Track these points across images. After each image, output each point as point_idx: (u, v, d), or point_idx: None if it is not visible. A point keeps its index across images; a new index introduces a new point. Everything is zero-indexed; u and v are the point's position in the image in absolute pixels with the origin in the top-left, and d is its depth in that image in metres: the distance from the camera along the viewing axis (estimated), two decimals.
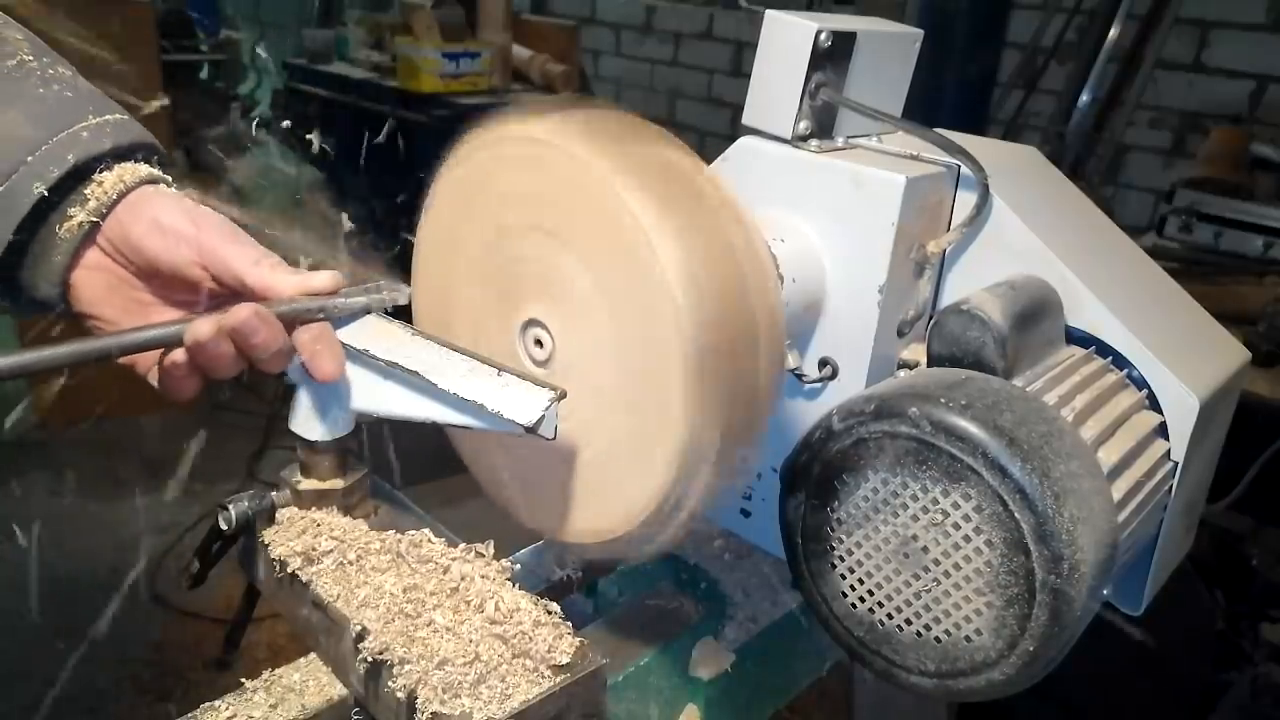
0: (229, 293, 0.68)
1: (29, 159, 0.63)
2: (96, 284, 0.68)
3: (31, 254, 0.66)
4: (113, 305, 0.69)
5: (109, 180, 0.66)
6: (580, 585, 0.97)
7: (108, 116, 0.67)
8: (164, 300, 0.70)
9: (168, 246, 0.66)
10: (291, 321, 0.66)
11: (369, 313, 0.70)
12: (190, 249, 0.66)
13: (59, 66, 0.69)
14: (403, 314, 0.73)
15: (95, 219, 0.66)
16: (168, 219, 0.66)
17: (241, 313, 0.64)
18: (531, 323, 0.70)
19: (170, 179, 0.70)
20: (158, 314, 0.70)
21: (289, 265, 0.68)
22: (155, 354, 0.67)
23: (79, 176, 0.65)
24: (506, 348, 0.72)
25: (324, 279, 0.68)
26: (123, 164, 0.67)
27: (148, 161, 0.69)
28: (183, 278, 0.67)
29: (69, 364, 0.61)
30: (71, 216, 0.65)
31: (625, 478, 0.67)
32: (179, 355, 0.65)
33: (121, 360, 0.65)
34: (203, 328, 0.63)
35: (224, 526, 0.74)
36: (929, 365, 0.82)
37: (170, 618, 2.39)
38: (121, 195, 0.66)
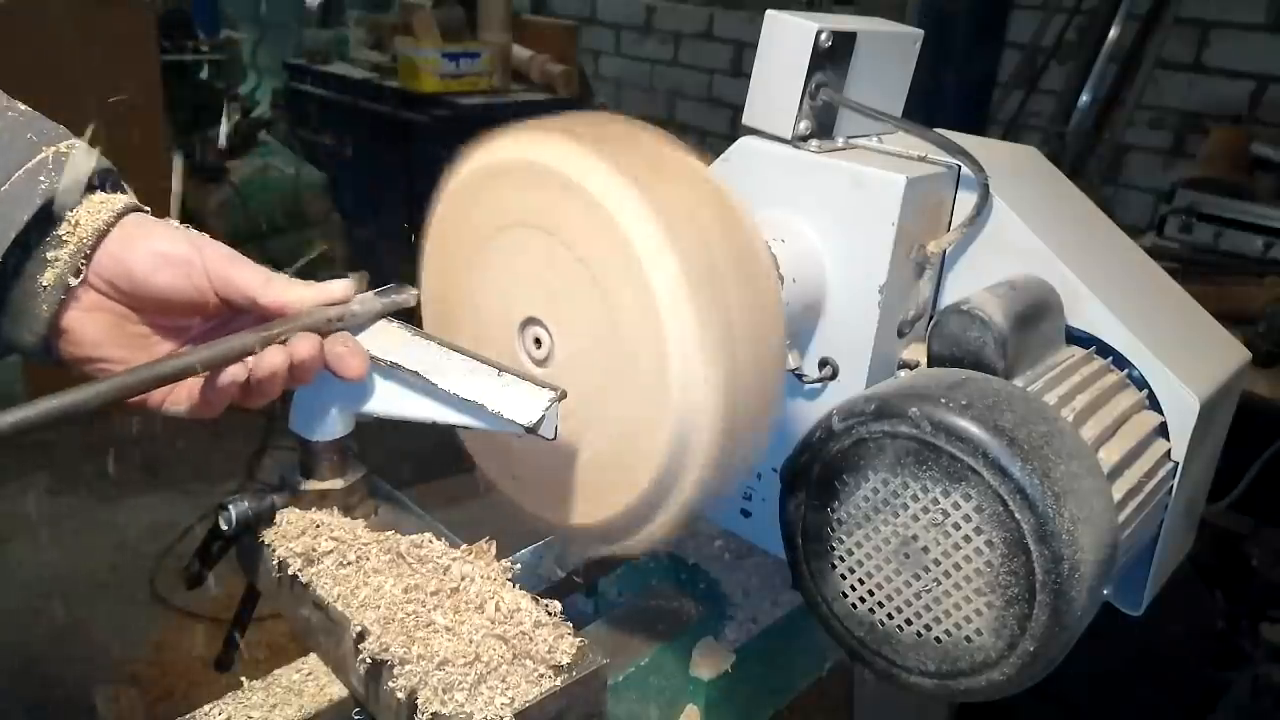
0: (234, 314, 0.67)
1: None
2: (98, 325, 0.64)
3: (10, 304, 0.61)
4: (116, 344, 0.65)
5: (84, 216, 0.61)
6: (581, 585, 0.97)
7: (61, 146, 0.61)
8: (159, 331, 0.67)
9: (177, 277, 0.63)
10: (317, 334, 0.66)
11: (383, 317, 0.69)
12: (200, 276, 0.64)
13: None
14: (409, 315, 0.73)
15: (81, 261, 0.61)
16: (170, 249, 0.63)
17: (304, 346, 0.63)
18: (530, 321, 0.70)
19: (145, 205, 0.65)
20: (158, 346, 0.67)
21: (291, 277, 0.67)
22: (166, 388, 0.64)
23: (47, 215, 0.59)
24: (505, 346, 0.72)
25: (339, 288, 0.67)
26: (90, 196, 0.62)
27: (106, 188, 0.64)
28: (192, 306, 0.65)
29: (140, 390, 0.57)
30: (51, 261, 0.60)
31: (620, 473, 0.67)
32: (234, 380, 0.63)
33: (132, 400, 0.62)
34: (275, 358, 0.62)
35: (224, 526, 0.74)
36: (929, 365, 0.82)
37: (170, 618, 2.38)
38: (103, 232, 0.61)
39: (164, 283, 0.63)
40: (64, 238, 0.61)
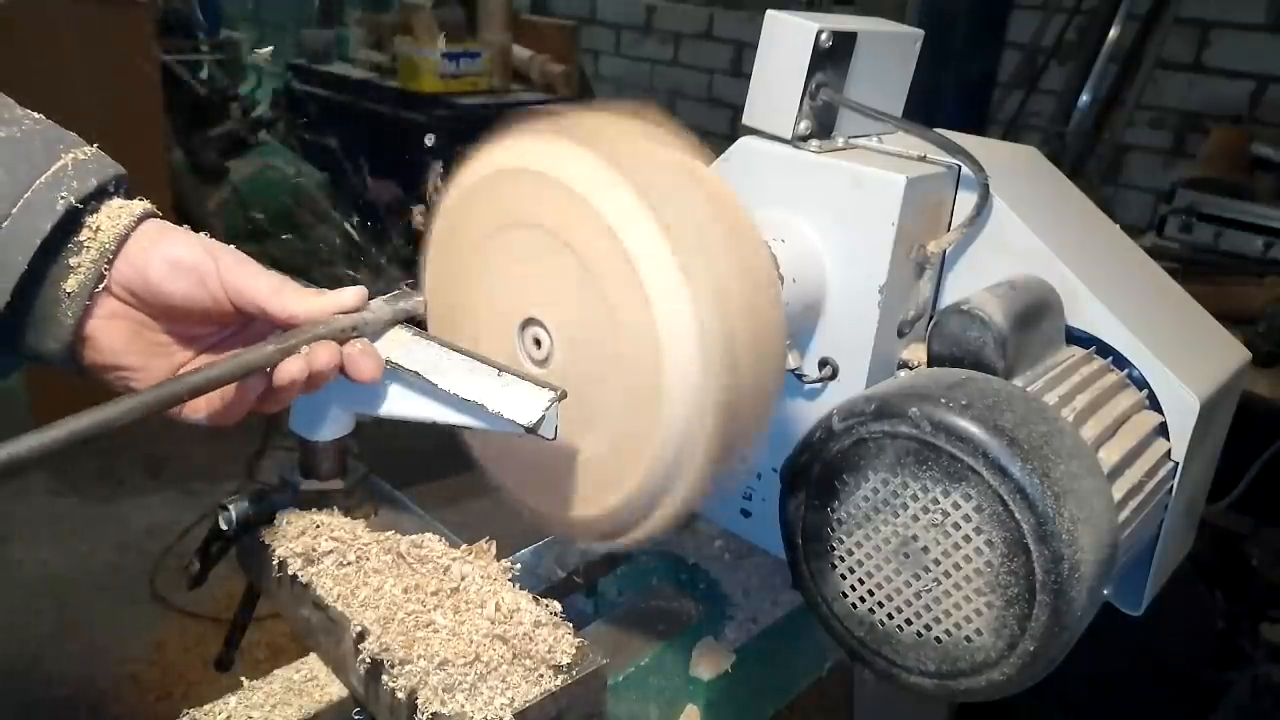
0: (250, 321, 0.68)
1: (12, 211, 0.57)
2: (119, 333, 0.64)
3: (34, 312, 0.61)
4: (136, 353, 0.65)
5: (104, 223, 0.61)
6: (581, 585, 0.97)
7: (77, 153, 0.61)
8: (177, 339, 0.67)
9: (193, 285, 0.63)
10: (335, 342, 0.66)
11: (395, 324, 0.69)
12: (215, 284, 0.64)
13: (9, 101, 0.63)
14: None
15: (105, 266, 0.61)
16: (186, 256, 0.63)
17: (323, 355, 0.63)
18: (530, 322, 0.70)
19: (158, 210, 0.65)
20: (177, 355, 0.67)
21: (300, 285, 0.67)
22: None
23: (68, 222, 0.60)
24: (506, 347, 0.72)
25: (351, 296, 0.67)
26: (108, 202, 0.62)
27: (119, 193, 0.63)
28: (207, 314, 0.65)
29: (167, 407, 0.58)
30: (74, 268, 0.60)
31: (619, 473, 0.67)
32: (254, 389, 0.64)
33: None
34: (294, 367, 0.63)
35: (224, 526, 0.74)
36: (929, 365, 0.82)
37: (170, 618, 2.39)
38: (123, 237, 0.62)
39: (180, 290, 0.63)
40: (85, 244, 0.61)
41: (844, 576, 0.73)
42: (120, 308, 0.64)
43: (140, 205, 0.64)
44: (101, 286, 0.62)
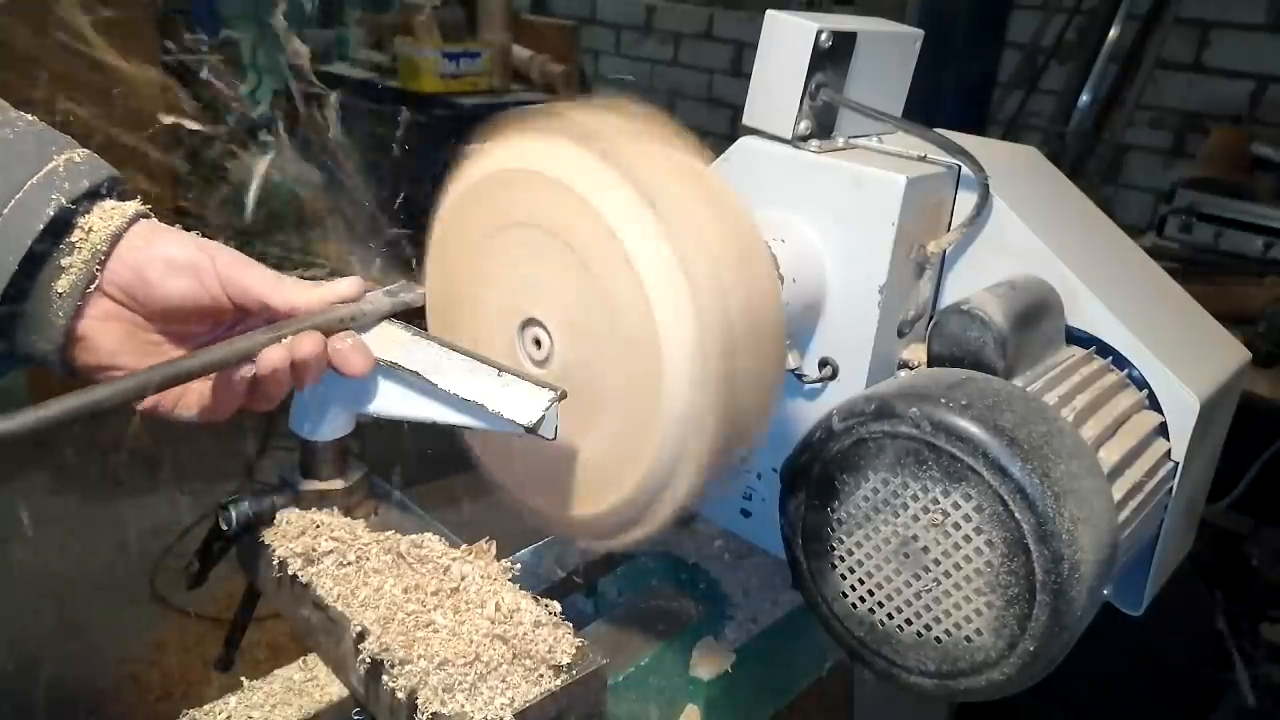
0: (246, 320, 0.68)
1: (3, 211, 0.58)
2: (114, 334, 0.64)
3: (27, 314, 0.61)
4: (130, 353, 0.65)
5: (96, 224, 0.61)
6: (581, 585, 0.97)
7: (69, 154, 0.61)
8: (170, 339, 0.67)
9: (190, 284, 0.64)
10: (325, 333, 0.66)
11: (393, 315, 0.69)
12: (211, 281, 0.64)
13: (2, 103, 0.63)
14: (414, 316, 0.73)
15: (96, 267, 0.61)
16: (181, 254, 0.64)
17: (306, 344, 0.63)
18: (530, 322, 0.70)
19: (151, 211, 0.65)
20: (171, 354, 0.67)
21: (299, 278, 0.67)
22: (179, 391, 0.66)
23: (59, 223, 0.60)
24: (506, 348, 0.72)
25: (348, 286, 0.67)
26: (100, 203, 0.62)
27: (112, 195, 0.64)
28: (204, 312, 0.65)
29: (157, 389, 0.58)
30: (65, 269, 0.61)
31: (617, 473, 0.67)
32: (243, 380, 0.64)
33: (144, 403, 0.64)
34: (275, 355, 0.63)
35: (224, 527, 0.74)
36: (929, 365, 0.82)
37: (170, 618, 2.38)
38: (116, 237, 0.62)
39: (176, 289, 0.64)
40: (77, 244, 0.61)
41: (844, 576, 0.73)
42: (114, 308, 0.64)
43: (133, 206, 0.64)
44: (94, 287, 0.62)
